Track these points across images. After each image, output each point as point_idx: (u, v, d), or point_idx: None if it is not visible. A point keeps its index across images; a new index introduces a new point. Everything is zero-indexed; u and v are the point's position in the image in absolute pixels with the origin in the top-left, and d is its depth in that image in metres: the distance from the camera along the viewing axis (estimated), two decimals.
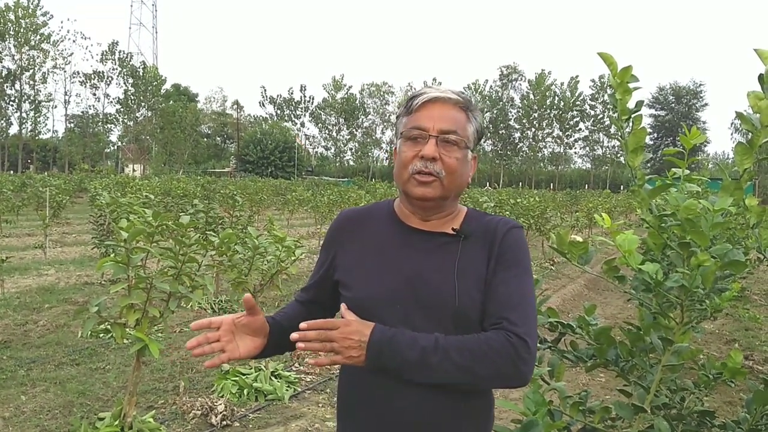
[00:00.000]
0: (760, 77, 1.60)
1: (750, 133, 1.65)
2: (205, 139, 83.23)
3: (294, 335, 1.34)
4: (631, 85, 1.85)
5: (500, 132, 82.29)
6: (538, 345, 2.27)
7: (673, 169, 2.09)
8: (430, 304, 1.43)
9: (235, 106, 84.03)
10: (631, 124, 1.85)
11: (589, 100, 79.70)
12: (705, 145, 72.42)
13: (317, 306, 1.66)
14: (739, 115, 1.65)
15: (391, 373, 1.38)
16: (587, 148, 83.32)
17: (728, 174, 1.76)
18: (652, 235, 1.89)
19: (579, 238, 1.95)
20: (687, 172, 2.16)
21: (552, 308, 2.30)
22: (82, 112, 71.19)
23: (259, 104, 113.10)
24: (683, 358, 1.93)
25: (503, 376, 1.36)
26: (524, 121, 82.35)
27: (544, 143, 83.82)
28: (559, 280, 11.61)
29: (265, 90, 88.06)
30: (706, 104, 79.50)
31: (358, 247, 1.56)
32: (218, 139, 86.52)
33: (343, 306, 1.48)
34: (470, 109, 1.52)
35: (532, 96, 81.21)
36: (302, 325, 1.35)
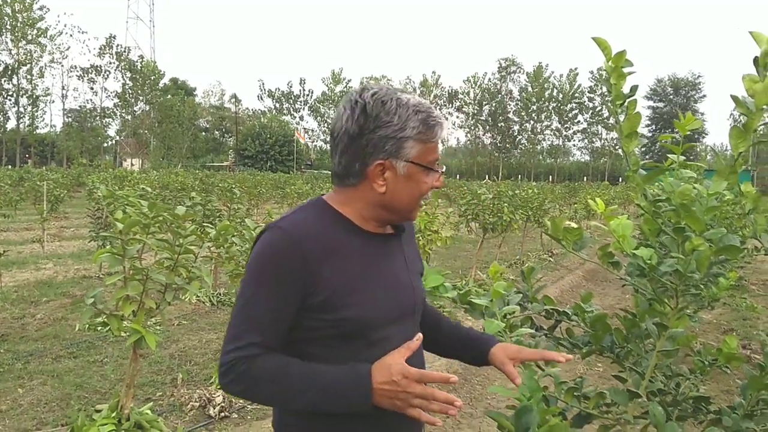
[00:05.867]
0: (755, 60, 1.58)
1: (745, 117, 1.64)
2: (204, 133, 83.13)
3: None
4: (626, 70, 1.84)
5: (499, 125, 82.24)
6: (535, 332, 2.28)
7: (669, 156, 2.08)
8: (406, 309, 1.47)
9: (234, 100, 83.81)
10: (625, 109, 1.84)
11: (588, 92, 79.58)
12: (703, 137, 72.45)
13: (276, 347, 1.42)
14: (734, 99, 1.63)
15: None
16: (586, 141, 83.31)
17: (723, 159, 1.76)
18: (647, 221, 1.88)
19: (573, 225, 1.94)
20: (683, 158, 2.15)
21: (548, 296, 2.30)
22: (80, 106, 70.99)
23: (257, 98, 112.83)
24: (678, 344, 1.92)
25: None
26: (523, 113, 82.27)
27: (542, 136, 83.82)
28: (557, 271, 11.62)
29: (263, 84, 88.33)
30: (704, 96, 79.52)
31: (339, 264, 1.39)
32: (217, 133, 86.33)
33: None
34: None
35: (530, 88, 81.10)
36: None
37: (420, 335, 1.36)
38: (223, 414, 4.33)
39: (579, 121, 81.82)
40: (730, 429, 1.96)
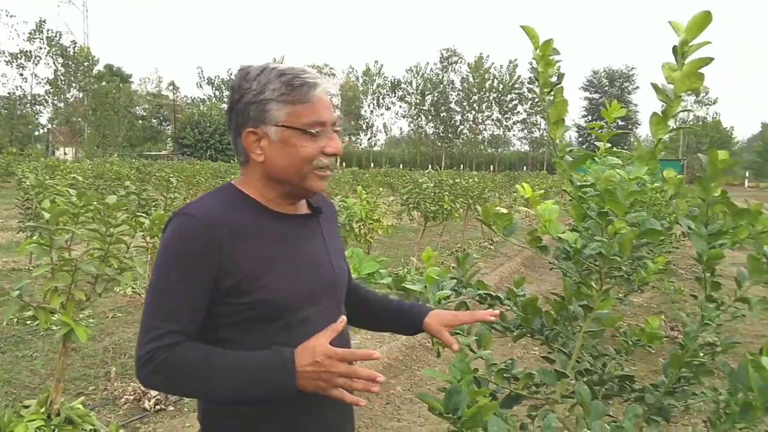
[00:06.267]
0: (674, 49, 1.64)
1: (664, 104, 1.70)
2: (141, 121, 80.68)
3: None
4: (553, 58, 1.88)
5: (441, 115, 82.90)
6: None
7: (598, 144, 2.14)
8: (338, 287, 1.45)
9: (171, 87, 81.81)
10: (552, 96, 1.88)
11: (527, 83, 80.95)
12: (636, 127, 74.75)
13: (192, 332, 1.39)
14: (654, 87, 1.69)
15: None
16: (525, 131, 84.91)
17: (643, 145, 1.81)
18: (574, 207, 1.93)
19: (504, 210, 1.98)
20: (609, 145, 2.21)
21: (481, 281, 2.33)
22: (9, 93, 67.86)
23: (196, 85, 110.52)
24: (604, 325, 1.99)
25: None
26: (464, 103, 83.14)
27: (483, 126, 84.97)
28: (497, 258, 11.84)
29: (202, 71, 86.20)
30: (637, 87, 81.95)
31: (250, 246, 1.37)
32: (154, 121, 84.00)
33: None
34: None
35: (471, 79, 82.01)
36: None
37: (344, 317, 1.34)
38: (158, 407, 4.24)
39: (519, 112, 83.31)
40: (652, 406, 2.04)
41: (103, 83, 71.12)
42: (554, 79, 1.90)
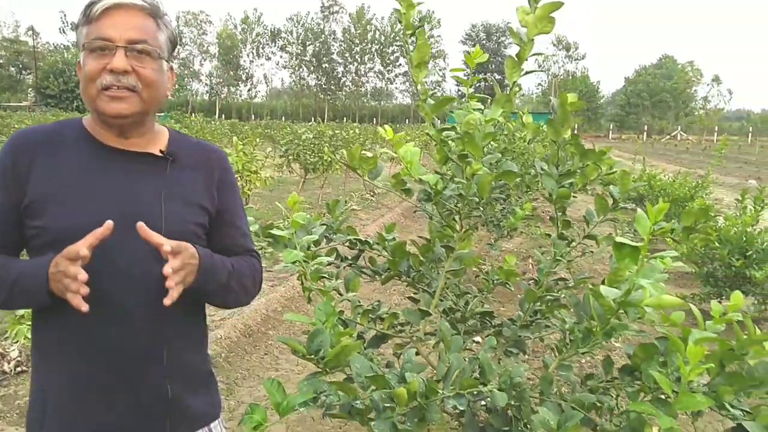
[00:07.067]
0: None
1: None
2: None
3: (167, 269, 1.22)
4: (415, 0, 1.87)
5: (323, 66, 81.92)
6: (339, 263, 2.34)
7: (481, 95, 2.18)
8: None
9: (31, 33, 75.00)
10: (415, 39, 1.88)
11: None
12: (519, 87, 77.46)
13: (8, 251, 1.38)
14: (509, 30, 1.73)
15: (199, 294, 1.37)
16: (407, 84, 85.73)
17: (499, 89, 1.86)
18: (438, 150, 1.96)
19: (369, 154, 1.98)
20: (471, 90, 2.25)
21: (351, 227, 2.35)
22: None
23: (59, 31, 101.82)
24: (465, 264, 2.06)
25: (254, 294, 1.58)
26: (346, 55, 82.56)
27: (366, 78, 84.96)
28: (378, 210, 12.00)
29: (65, 15, 79.34)
30: (512, 42, 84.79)
31: (50, 171, 1.34)
32: (12, 69, 76.92)
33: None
34: (159, 15, 1.39)
35: (353, 30, 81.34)
36: (170, 247, 1.23)
37: (110, 222, 1.24)
38: (19, 369, 4.00)
39: (401, 64, 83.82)
40: (509, 339, 2.16)
41: None
42: (416, 21, 1.90)
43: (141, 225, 1.25)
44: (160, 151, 1.43)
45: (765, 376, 1.37)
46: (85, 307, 1.20)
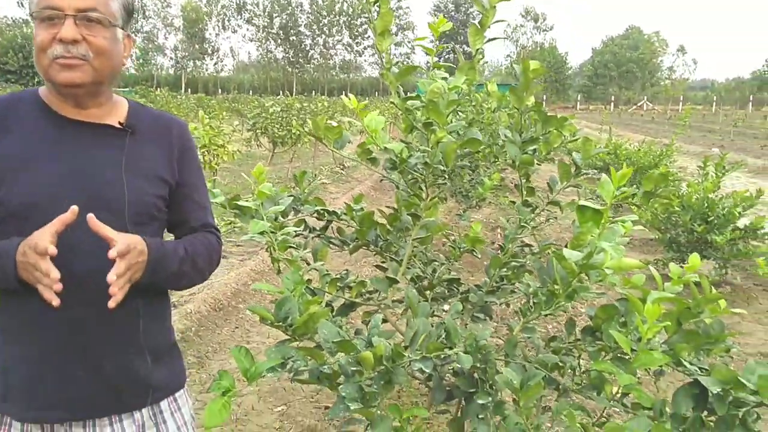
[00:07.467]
0: None
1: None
2: None
3: (111, 276, 1.19)
4: None
5: (291, 39, 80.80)
6: (307, 234, 2.34)
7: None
8: (102, 202, 1.31)
9: None
10: (378, 7, 1.87)
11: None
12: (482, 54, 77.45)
13: None
14: None
15: (148, 283, 1.34)
16: (376, 56, 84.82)
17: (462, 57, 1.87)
18: (403, 119, 1.97)
19: (334, 123, 1.98)
20: (436, 59, 2.26)
21: (319, 198, 2.35)
22: None
23: (17, 4, 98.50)
24: (431, 232, 2.09)
25: (209, 272, 1.55)
26: (314, 27, 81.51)
27: (334, 51, 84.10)
28: (348, 183, 11.99)
29: None
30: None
31: (5, 143, 1.32)
32: None
33: (92, 218, 1.23)
34: None
35: (321, 1, 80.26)
36: (116, 252, 1.20)
37: (75, 207, 1.22)
38: None
39: (369, 36, 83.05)
40: (476, 304, 2.20)
41: None
42: None
43: (91, 217, 1.22)
44: (119, 123, 1.41)
45: (719, 334, 1.42)
46: (56, 302, 1.19)
